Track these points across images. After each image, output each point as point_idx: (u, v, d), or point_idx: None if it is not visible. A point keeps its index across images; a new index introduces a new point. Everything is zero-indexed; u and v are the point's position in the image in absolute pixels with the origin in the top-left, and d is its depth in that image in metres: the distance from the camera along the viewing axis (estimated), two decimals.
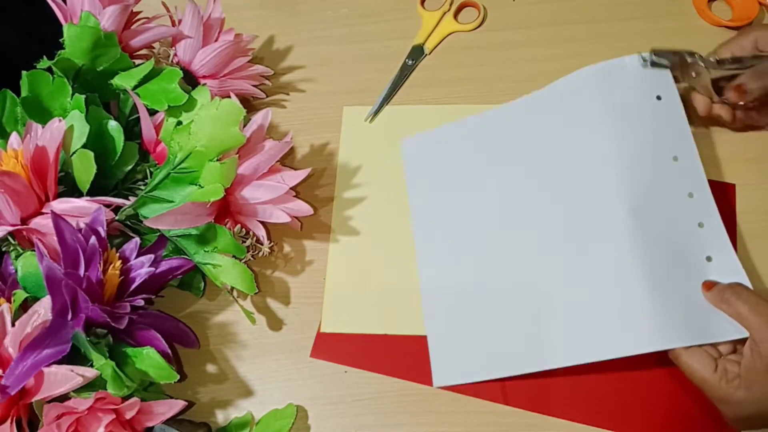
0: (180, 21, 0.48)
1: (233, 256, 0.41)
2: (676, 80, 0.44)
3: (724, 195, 0.47)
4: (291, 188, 0.43)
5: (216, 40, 0.50)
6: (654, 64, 0.44)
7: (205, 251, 0.41)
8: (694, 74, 0.44)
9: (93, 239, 0.37)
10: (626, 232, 0.41)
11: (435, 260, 0.47)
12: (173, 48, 0.48)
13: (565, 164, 0.45)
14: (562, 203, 0.45)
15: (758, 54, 0.43)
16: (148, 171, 0.45)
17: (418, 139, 0.51)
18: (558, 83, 0.48)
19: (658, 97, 0.45)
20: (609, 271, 0.41)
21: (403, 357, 0.44)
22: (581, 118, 0.46)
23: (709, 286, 0.39)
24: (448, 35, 0.58)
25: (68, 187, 0.42)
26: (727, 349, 0.37)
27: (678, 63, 0.43)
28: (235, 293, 0.46)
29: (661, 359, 0.39)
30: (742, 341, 0.37)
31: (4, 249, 0.41)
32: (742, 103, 0.43)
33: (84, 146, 0.41)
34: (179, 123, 0.44)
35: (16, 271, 0.39)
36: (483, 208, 0.47)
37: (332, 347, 0.45)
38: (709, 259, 0.41)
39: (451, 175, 0.49)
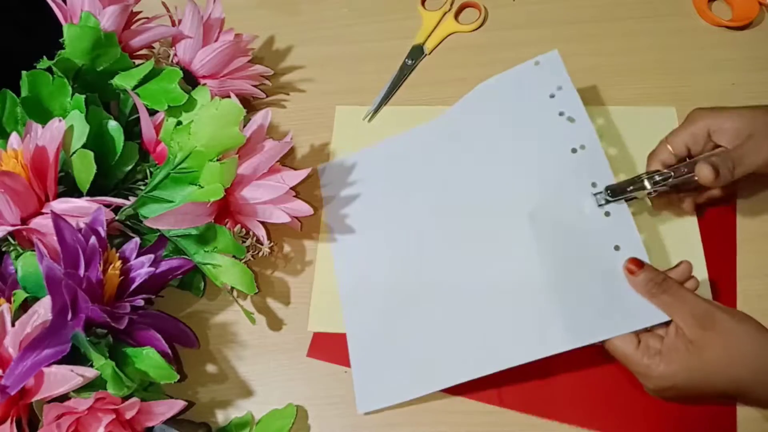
0: (180, 21, 0.48)
1: (233, 256, 0.41)
2: (635, 198, 0.42)
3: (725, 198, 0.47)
4: (291, 188, 0.43)
5: (216, 40, 0.50)
6: (609, 202, 0.42)
7: (205, 251, 0.41)
8: (655, 193, 0.42)
9: (93, 239, 0.37)
10: (534, 233, 0.42)
11: (354, 280, 0.46)
12: (173, 48, 0.48)
13: (472, 176, 0.47)
14: (473, 213, 0.46)
15: (712, 153, 0.41)
16: (148, 171, 0.45)
17: (334, 163, 0.52)
18: (460, 102, 0.50)
19: (552, 95, 0.46)
20: (521, 273, 0.42)
21: None
22: (482, 131, 0.48)
23: (633, 269, 0.38)
24: (448, 36, 0.58)
25: (68, 187, 0.42)
26: None
27: (634, 189, 0.41)
28: (235, 293, 0.46)
29: None
30: None
31: (4, 249, 0.41)
32: (712, 182, 0.39)
33: (84, 146, 0.41)
34: (179, 123, 0.44)
35: (16, 271, 0.39)
36: (397, 225, 0.48)
37: (329, 348, 0.45)
38: (617, 248, 0.41)
39: (365, 195, 0.50)
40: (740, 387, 0.36)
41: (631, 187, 0.41)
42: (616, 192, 0.41)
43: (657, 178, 0.41)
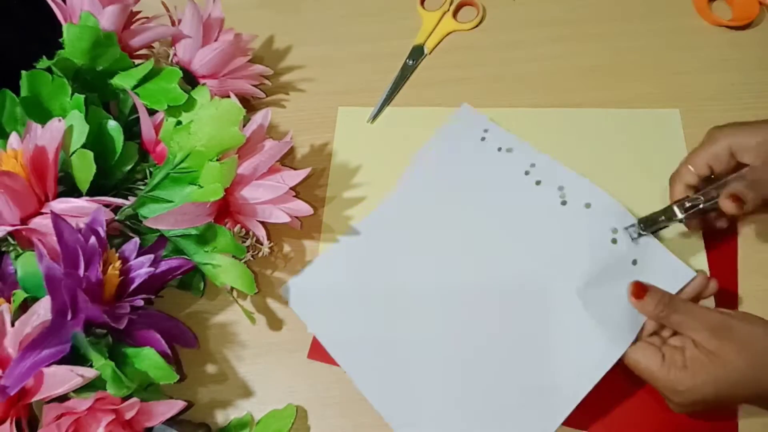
0: (180, 21, 0.48)
1: (233, 256, 0.41)
2: (666, 227, 0.42)
3: None
4: (291, 188, 0.43)
5: (216, 40, 0.50)
6: (643, 234, 0.42)
7: (204, 251, 0.41)
8: (685, 219, 0.41)
9: (93, 239, 0.37)
10: (531, 262, 0.43)
11: (376, 377, 0.43)
12: (173, 48, 0.48)
13: (459, 236, 0.46)
14: (480, 274, 0.45)
15: (740, 174, 0.40)
16: (147, 171, 0.45)
17: (302, 278, 0.47)
18: (405, 177, 0.50)
19: (483, 138, 0.49)
20: (542, 322, 0.41)
21: None
22: (442, 193, 0.48)
23: (639, 294, 0.38)
24: (447, 35, 0.58)
25: (68, 187, 0.42)
26: (669, 331, 0.39)
27: (666, 219, 0.41)
28: (235, 293, 0.46)
29: None
30: None
31: (3, 249, 0.41)
32: (739, 213, 0.38)
33: (83, 146, 0.41)
34: (179, 123, 0.44)
35: (16, 271, 0.39)
36: (400, 312, 0.44)
37: None
38: (634, 262, 0.41)
39: (350, 291, 0.46)
40: (765, 391, 0.35)
41: (663, 217, 0.41)
42: (648, 223, 0.41)
43: (687, 204, 0.40)
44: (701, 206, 0.40)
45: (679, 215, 0.40)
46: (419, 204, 0.48)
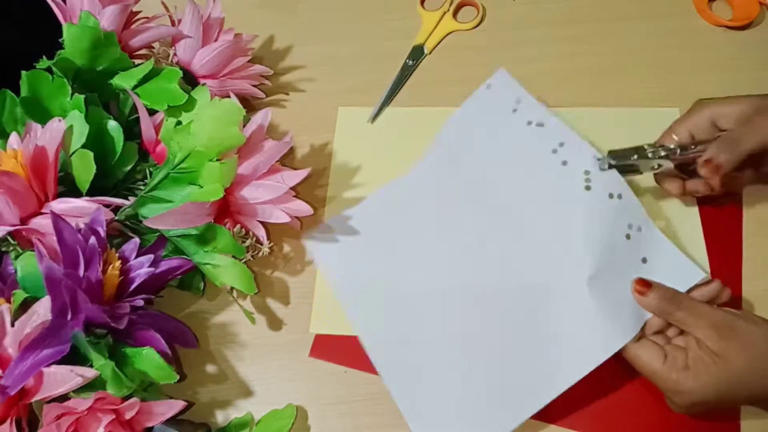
0: (179, 21, 0.48)
1: (233, 256, 0.41)
2: (637, 172, 0.42)
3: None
4: (291, 188, 0.43)
5: (216, 40, 0.50)
6: (612, 167, 0.42)
7: (204, 251, 0.41)
8: (656, 166, 0.42)
9: (92, 239, 0.37)
10: (549, 240, 0.42)
11: (386, 347, 0.43)
12: (173, 48, 0.48)
13: (475, 204, 0.46)
14: (490, 256, 0.44)
15: (719, 135, 0.41)
16: (147, 171, 0.45)
17: (320, 235, 0.48)
18: (435, 144, 0.50)
19: (514, 110, 0.47)
20: (549, 284, 0.41)
21: None
22: (467, 165, 0.48)
23: (642, 291, 0.38)
24: (447, 35, 0.58)
25: (68, 187, 0.42)
26: (674, 331, 0.39)
27: (638, 158, 0.41)
28: (234, 293, 0.46)
29: None
30: None
31: (3, 249, 0.41)
32: (717, 178, 0.40)
33: (83, 146, 0.41)
34: (179, 123, 0.44)
35: (16, 271, 0.39)
36: (416, 273, 0.45)
37: (331, 348, 0.45)
38: (644, 260, 0.41)
39: (373, 253, 0.47)
40: (765, 393, 0.35)
41: (635, 156, 0.41)
42: (618, 157, 0.42)
43: (662, 152, 0.41)
44: (677, 155, 0.41)
45: (651, 157, 0.41)
46: (439, 178, 0.48)
